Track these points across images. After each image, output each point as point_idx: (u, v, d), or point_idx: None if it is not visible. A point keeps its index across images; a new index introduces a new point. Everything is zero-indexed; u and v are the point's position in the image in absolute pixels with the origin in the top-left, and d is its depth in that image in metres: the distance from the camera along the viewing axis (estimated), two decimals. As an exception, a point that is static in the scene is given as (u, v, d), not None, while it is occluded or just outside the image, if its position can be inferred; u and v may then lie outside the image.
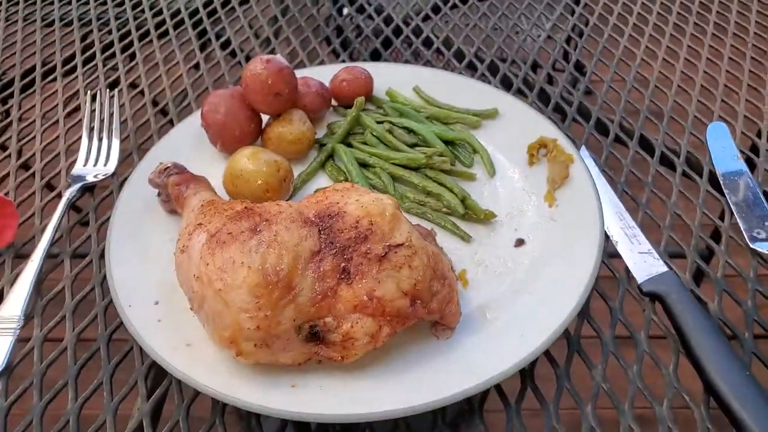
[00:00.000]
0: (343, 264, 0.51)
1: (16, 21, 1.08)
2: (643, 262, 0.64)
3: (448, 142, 0.74)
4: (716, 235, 0.68)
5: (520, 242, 0.64)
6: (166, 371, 0.55)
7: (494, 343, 0.54)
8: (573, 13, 1.08)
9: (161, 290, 0.58)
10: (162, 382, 0.55)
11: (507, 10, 1.10)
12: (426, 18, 1.09)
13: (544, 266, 0.60)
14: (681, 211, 0.71)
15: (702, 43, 0.98)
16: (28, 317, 0.60)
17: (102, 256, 0.65)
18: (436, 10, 1.11)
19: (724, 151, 0.77)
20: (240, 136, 0.71)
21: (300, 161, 0.74)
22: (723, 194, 0.72)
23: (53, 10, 1.11)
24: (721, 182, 0.73)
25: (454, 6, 1.11)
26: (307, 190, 0.71)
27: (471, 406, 0.53)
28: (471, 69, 0.95)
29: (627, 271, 0.64)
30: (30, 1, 1.12)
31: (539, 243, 0.63)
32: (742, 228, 0.67)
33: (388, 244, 0.52)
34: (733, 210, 0.70)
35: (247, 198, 0.64)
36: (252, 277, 0.48)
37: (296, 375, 0.52)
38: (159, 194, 0.66)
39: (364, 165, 0.72)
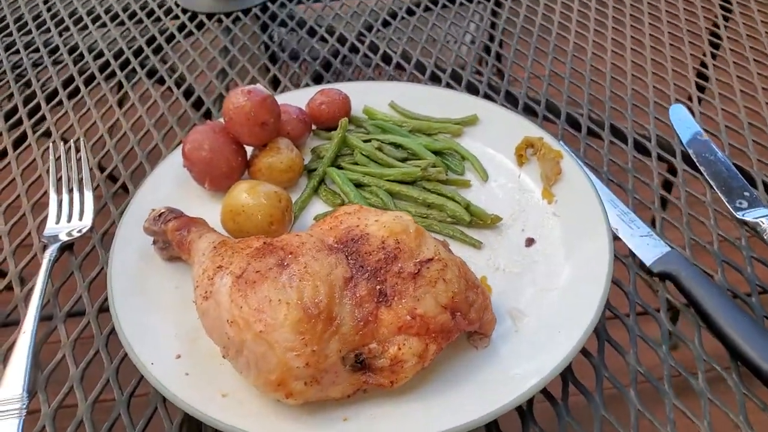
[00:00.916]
0: (378, 287, 0.51)
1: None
2: (646, 244, 0.67)
3: (436, 153, 0.75)
4: (703, 210, 0.72)
5: (530, 241, 0.65)
6: (200, 428, 0.52)
7: (532, 346, 0.55)
8: (518, 16, 1.12)
9: (180, 342, 0.56)
10: (197, 439, 0.52)
11: (454, 18, 1.13)
12: (378, 32, 1.10)
13: (561, 262, 0.62)
14: (665, 192, 0.74)
15: (642, 33, 1.05)
16: (32, 393, 0.55)
17: (100, 313, 0.61)
18: (386, 24, 1.12)
19: (689, 130, 0.82)
20: (228, 172, 0.69)
21: (292, 190, 0.72)
22: (699, 171, 0.76)
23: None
24: (695, 160, 0.78)
25: (403, 18, 1.13)
26: (305, 218, 0.70)
27: (521, 411, 0.53)
28: (435, 80, 0.97)
29: (632, 254, 0.66)
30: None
31: (549, 239, 0.65)
32: (725, 201, 0.72)
33: (418, 260, 0.52)
34: (712, 185, 0.74)
35: (251, 234, 0.62)
36: (293, 314, 0.47)
37: (346, 407, 0.50)
38: (155, 242, 0.63)
39: (358, 185, 0.71)
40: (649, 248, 0.66)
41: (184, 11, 1.15)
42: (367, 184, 0.71)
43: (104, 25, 1.12)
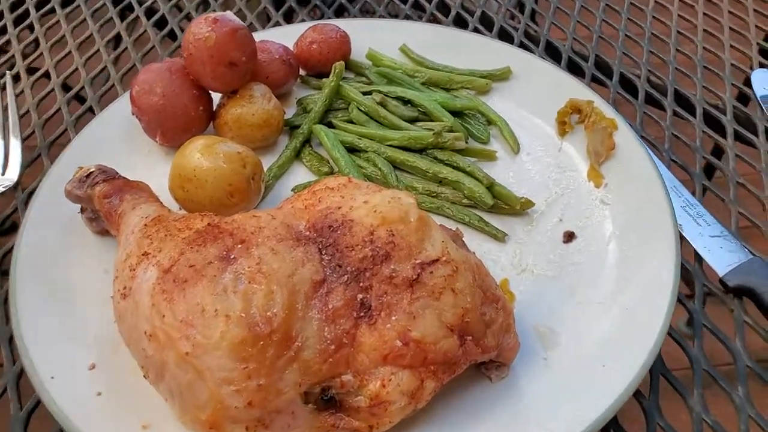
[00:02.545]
0: (359, 296, 0.38)
1: None
2: (719, 248, 0.53)
3: (455, 113, 0.61)
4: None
5: (569, 236, 0.52)
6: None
7: (567, 383, 0.42)
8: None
9: (98, 347, 0.43)
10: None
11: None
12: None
13: (609, 266, 0.49)
14: (743, 180, 0.60)
15: (719, -20, 0.88)
16: None
17: (6, 301, 0.49)
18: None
19: (778, 103, 0.67)
20: (185, 124, 0.56)
21: (267, 150, 0.59)
22: (790, 155, 0.62)
23: None
24: (787, 141, 0.63)
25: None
26: (282, 188, 0.57)
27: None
28: (459, 24, 0.81)
29: (698, 259, 0.53)
30: None
31: (594, 235, 0.51)
32: (823, 195, 0.58)
33: (418, 261, 0.39)
34: (808, 174, 0.60)
35: (205, 207, 0.49)
36: (234, 331, 0.34)
37: (307, 457, 0.38)
38: (82, 210, 0.50)
39: (352, 150, 0.58)
40: (722, 253, 0.52)
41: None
42: (363, 149, 0.57)
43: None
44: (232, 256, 0.37)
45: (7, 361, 0.46)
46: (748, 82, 0.72)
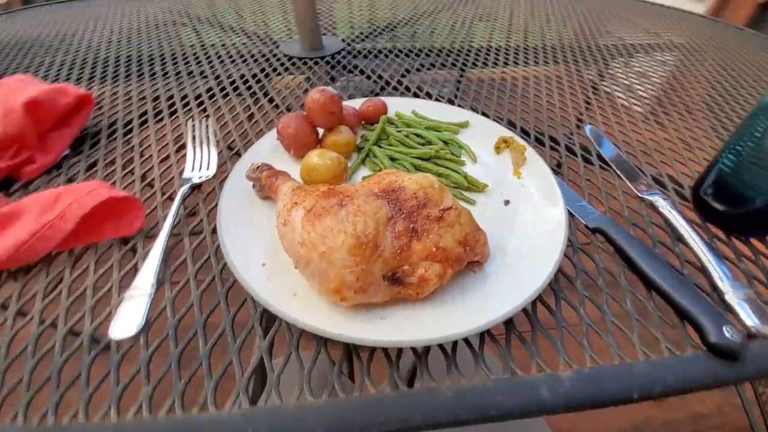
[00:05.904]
0: (411, 225, 0.35)
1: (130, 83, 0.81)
2: (582, 210, 0.50)
3: (443, 142, 0.57)
4: (615, 191, 0.55)
5: (507, 202, 0.49)
6: (275, 316, 0.37)
7: (516, 273, 0.39)
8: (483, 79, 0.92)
9: (266, 255, 0.40)
10: (273, 323, 0.37)
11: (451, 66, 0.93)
12: (403, 75, 0.90)
13: (531, 215, 0.46)
14: (590, 176, 0.57)
15: (551, 90, 0.85)
16: (159, 283, 0.40)
17: (213, 233, 0.45)
18: (407, 71, 0.92)
19: (603, 141, 0.65)
20: (306, 144, 0.52)
21: (348, 160, 0.55)
22: (609, 166, 0.59)
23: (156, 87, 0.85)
24: (607, 159, 0.60)
25: (418, 69, 0.93)
26: (355, 179, 0.53)
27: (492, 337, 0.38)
28: (438, 100, 0.78)
29: (572, 216, 0.50)
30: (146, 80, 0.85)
31: (521, 201, 0.48)
32: (630, 185, 0.55)
33: (441, 208, 0.36)
34: (621, 176, 0.57)
35: (319, 183, 0.45)
36: (349, 240, 0.31)
37: (384, 309, 0.35)
38: (254, 185, 0.47)
39: (392, 159, 0.54)
40: (584, 211, 0.50)
41: (285, 55, 0.95)
42: (398, 159, 0.54)
43: (234, 62, 0.93)
44: (344, 203, 0.34)
45: (214, 263, 0.42)
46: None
